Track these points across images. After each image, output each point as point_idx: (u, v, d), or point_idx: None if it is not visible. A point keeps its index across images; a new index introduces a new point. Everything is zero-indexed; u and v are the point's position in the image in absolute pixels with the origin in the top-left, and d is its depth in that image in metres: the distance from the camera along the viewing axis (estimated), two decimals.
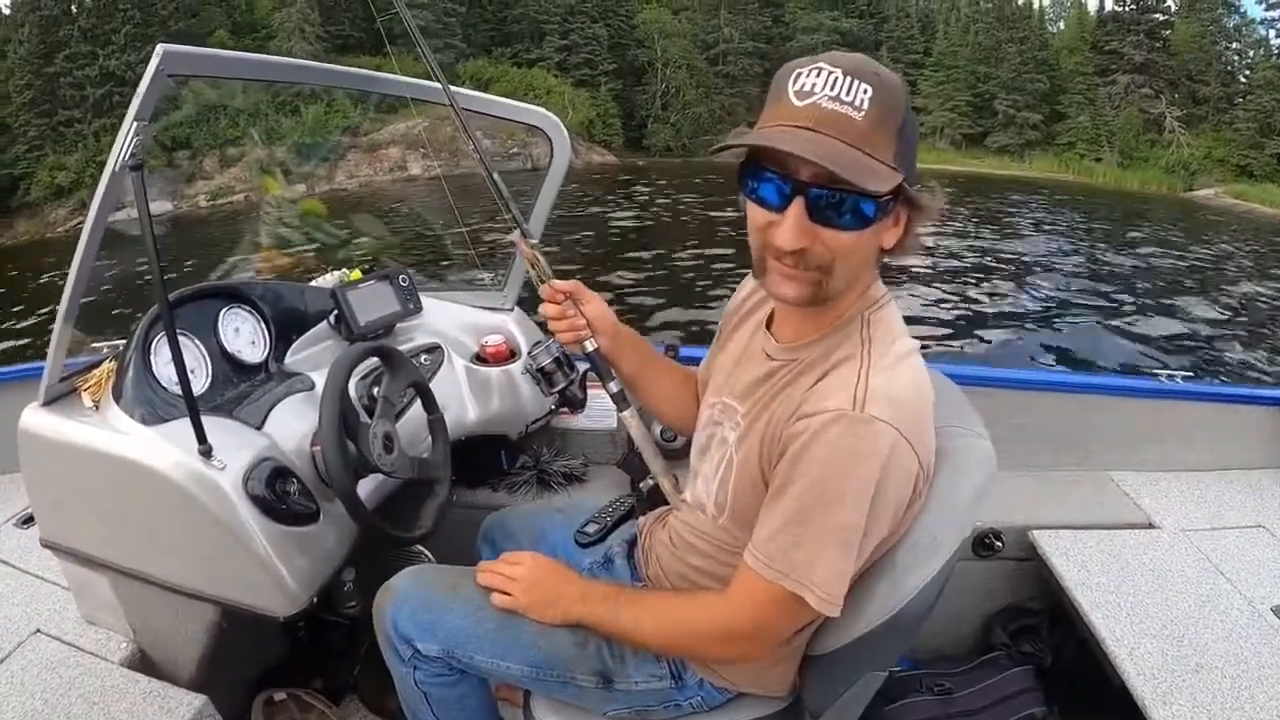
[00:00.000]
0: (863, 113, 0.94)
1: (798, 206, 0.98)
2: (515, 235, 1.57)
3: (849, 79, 0.94)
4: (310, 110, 27.83)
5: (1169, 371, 2.43)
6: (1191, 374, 2.41)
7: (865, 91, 0.94)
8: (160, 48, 1.35)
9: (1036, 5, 42.84)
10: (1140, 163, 35.62)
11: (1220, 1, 38.12)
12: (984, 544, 2.06)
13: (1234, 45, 38.26)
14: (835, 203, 0.97)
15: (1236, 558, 1.94)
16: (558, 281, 1.47)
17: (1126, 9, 38.87)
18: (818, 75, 0.95)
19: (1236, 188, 31.01)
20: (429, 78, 1.70)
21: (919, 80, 41.71)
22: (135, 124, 1.31)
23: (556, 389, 1.55)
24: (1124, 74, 37.79)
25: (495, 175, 1.62)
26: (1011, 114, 39.14)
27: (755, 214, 1.04)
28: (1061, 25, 44.67)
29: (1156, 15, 38.61)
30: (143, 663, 1.66)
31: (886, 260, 1.12)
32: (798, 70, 0.97)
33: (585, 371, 1.57)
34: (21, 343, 10.66)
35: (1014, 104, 39.07)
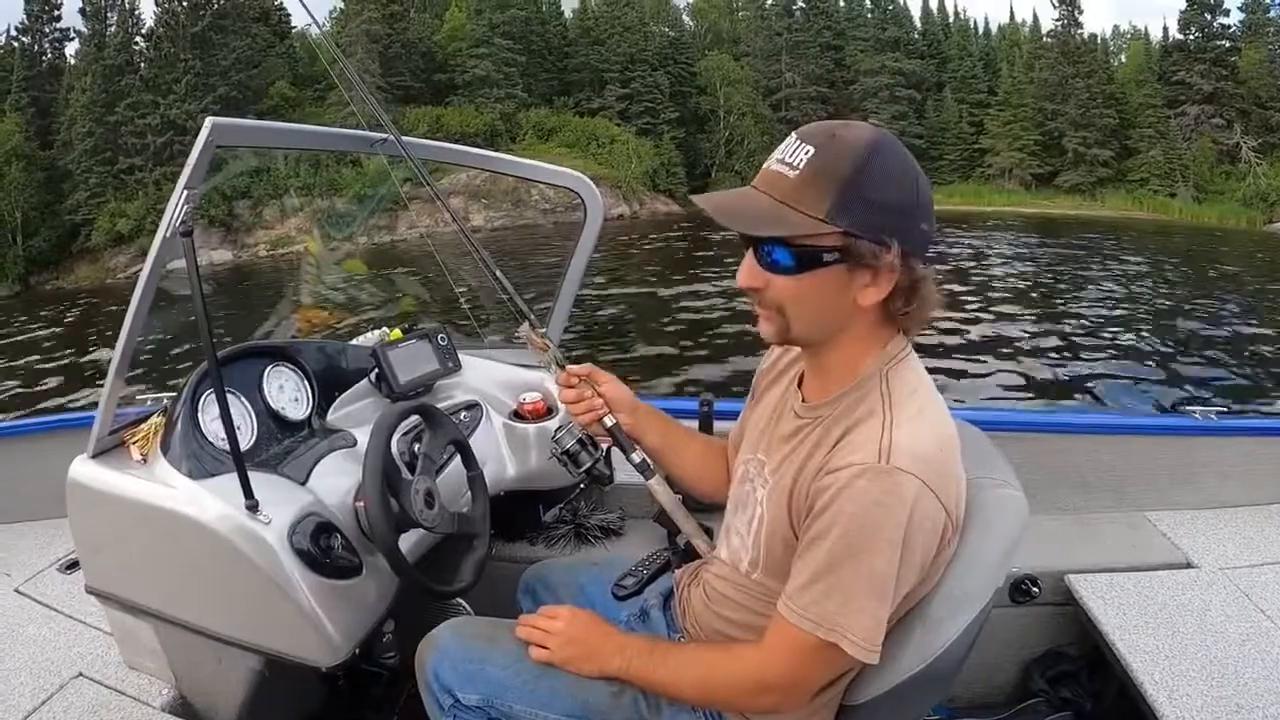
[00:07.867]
0: (796, 171, 1.04)
1: (749, 252, 1.12)
2: (524, 328, 1.60)
3: (797, 142, 1.06)
4: (371, 162, 28.45)
5: (1203, 409, 2.36)
6: (1226, 409, 2.35)
7: (807, 152, 1.04)
8: (209, 121, 1.44)
9: (1100, 38, 42.11)
10: (1216, 196, 34.43)
11: None
12: (1020, 590, 2.02)
13: None
14: (767, 249, 1.09)
15: (1277, 594, 1.89)
16: (572, 366, 1.51)
17: (1191, 37, 37.92)
18: (785, 142, 1.07)
19: None
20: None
21: (985, 120, 41.16)
22: (185, 192, 1.39)
23: (583, 468, 1.57)
24: (1193, 104, 36.78)
25: (497, 272, 1.69)
26: (1081, 151, 38.22)
27: None
28: (1123, 58, 43.67)
29: (1222, 42, 37.59)
30: (184, 708, 1.70)
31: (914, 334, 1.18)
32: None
33: (609, 447, 1.61)
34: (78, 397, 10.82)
35: (1083, 141, 38.18)
